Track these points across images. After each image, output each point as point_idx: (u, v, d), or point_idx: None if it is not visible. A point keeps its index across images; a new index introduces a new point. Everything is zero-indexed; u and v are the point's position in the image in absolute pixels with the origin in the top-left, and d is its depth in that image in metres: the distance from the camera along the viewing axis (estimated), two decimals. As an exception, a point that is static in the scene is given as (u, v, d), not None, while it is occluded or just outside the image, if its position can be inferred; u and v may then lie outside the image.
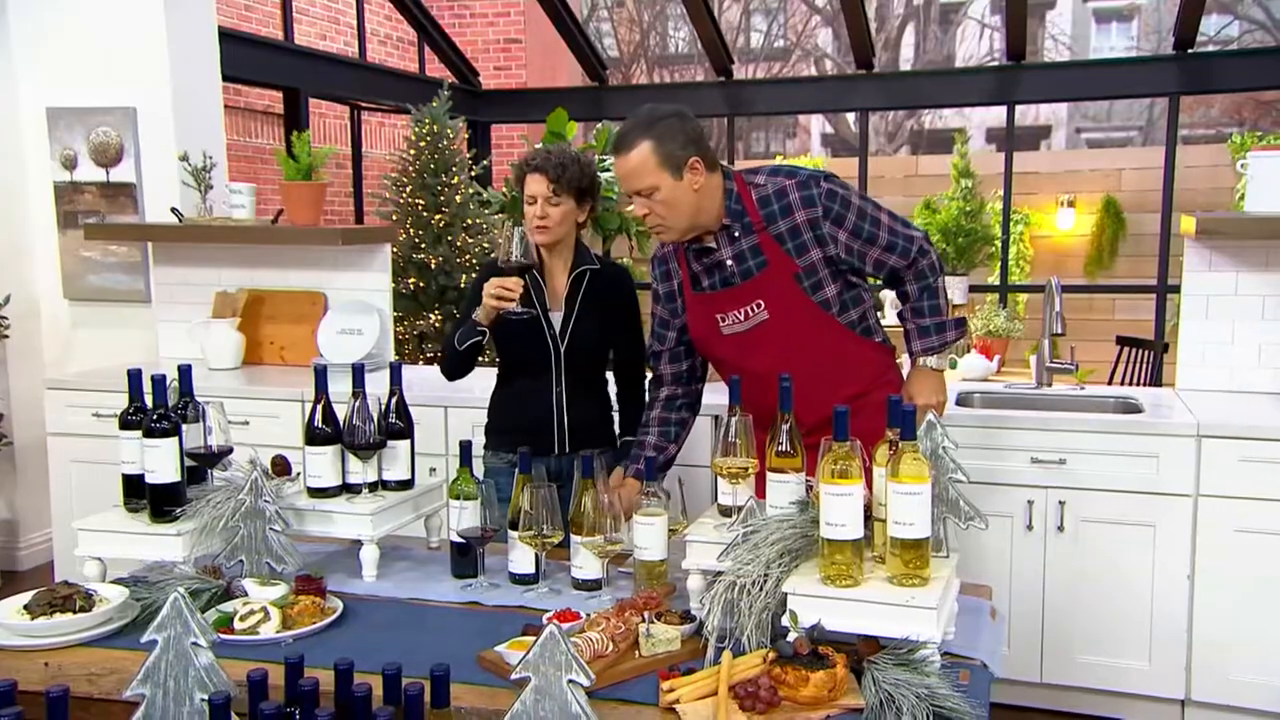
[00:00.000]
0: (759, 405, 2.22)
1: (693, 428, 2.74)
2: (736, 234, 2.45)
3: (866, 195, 2.53)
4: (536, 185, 2.73)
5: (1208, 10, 6.92)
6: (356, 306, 4.21)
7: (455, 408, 3.61)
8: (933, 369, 2.54)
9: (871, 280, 2.59)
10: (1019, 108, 7.62)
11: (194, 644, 1.55)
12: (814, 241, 2.43)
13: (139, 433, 2.19)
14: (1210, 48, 11.89)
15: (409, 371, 4.06)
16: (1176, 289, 4.18)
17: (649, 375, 2.78)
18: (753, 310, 2.47)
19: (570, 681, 1.49)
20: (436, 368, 2.97)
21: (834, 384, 2.40)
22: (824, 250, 2.43)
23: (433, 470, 3.39)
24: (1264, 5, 14.18)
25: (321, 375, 2.31)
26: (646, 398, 2.76)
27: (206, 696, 1.48)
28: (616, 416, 2.97)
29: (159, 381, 2.17)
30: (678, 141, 2.36)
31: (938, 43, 17.44)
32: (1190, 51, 6.93)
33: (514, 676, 1.53)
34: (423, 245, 6.00)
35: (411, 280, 5.97)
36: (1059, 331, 3.68)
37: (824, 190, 2.43)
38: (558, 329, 2.80)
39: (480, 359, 2.88)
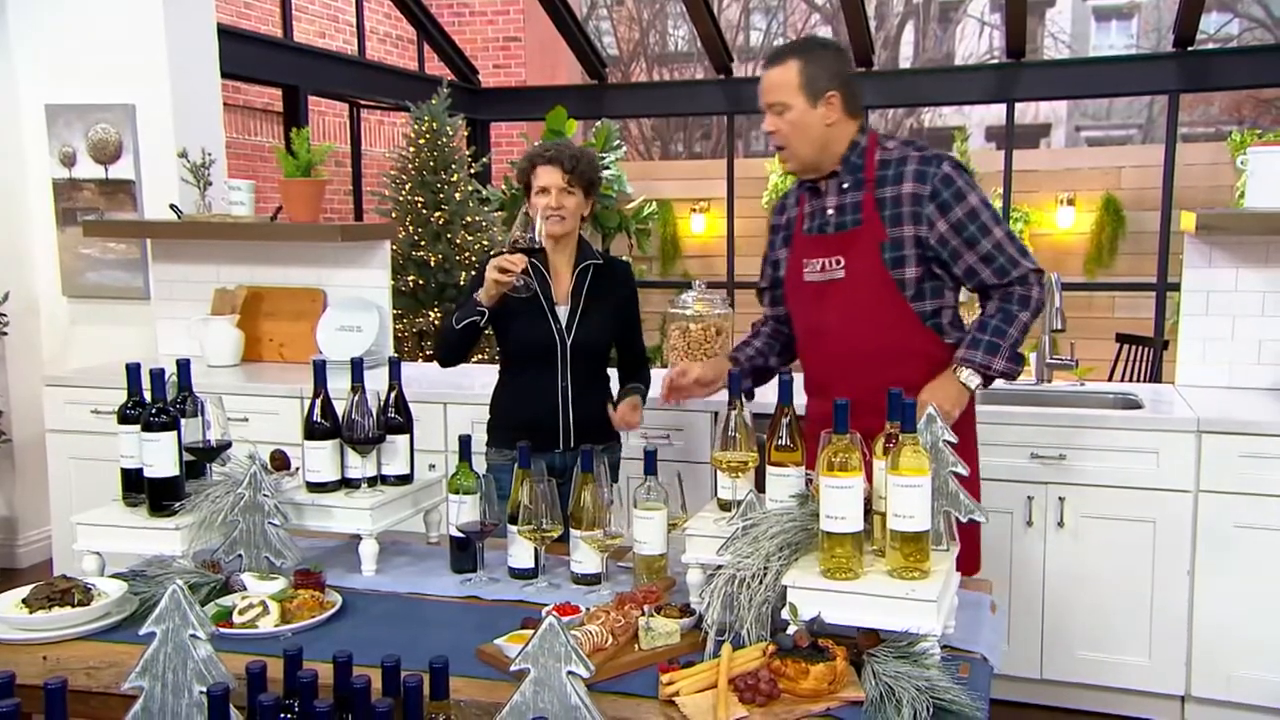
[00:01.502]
0: (806, 362, 2.41)
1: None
2: (845, 185, 2.47)
3: (992, 204, 2.45)
4: (550, 176, 2.74)
5: (1207, 8, 6.92)
6: (356, 303, 4.21)
7: (455, 404, 3.60)
8: (961, 382, 2.40)
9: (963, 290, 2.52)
10: (1018, 106, 7.62)
11: (192, 636, 1.54)
12: (910, 217, 2.40)
13: (138, 427, 2.18)
14: (1210, 46, 11.88)
15: (408, 368, 4.06)
16: (1176, 286, 4.18)
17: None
18: (830, 264, 2.47)
19: (570, 673, 1.49)
20: (436, 365, 2.96)
21: (884, 366, 2.37)
22: (917, 229, 2.40)
23: (432, 466, 3.39)
24: (1263, 3, 14.18)
25: (320, 369, 2.31)
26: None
27: (205, 688, 1.48)
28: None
29: (157, 376, 2.17)
30: (827, 72, 2.42)
31: (937, 41, 17.44)
32: (1190, 49, 6.93)
33: (513, 668, 1.53)
34: (422, 243, 5.99)
35: (411, 278, 5.96)
36: (1059, 328, 3.67)
37: (942, 173, 2.41)
38: (564, 322, 2.80)
39: (479, 356, 2.88)
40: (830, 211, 2.49)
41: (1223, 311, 3.58)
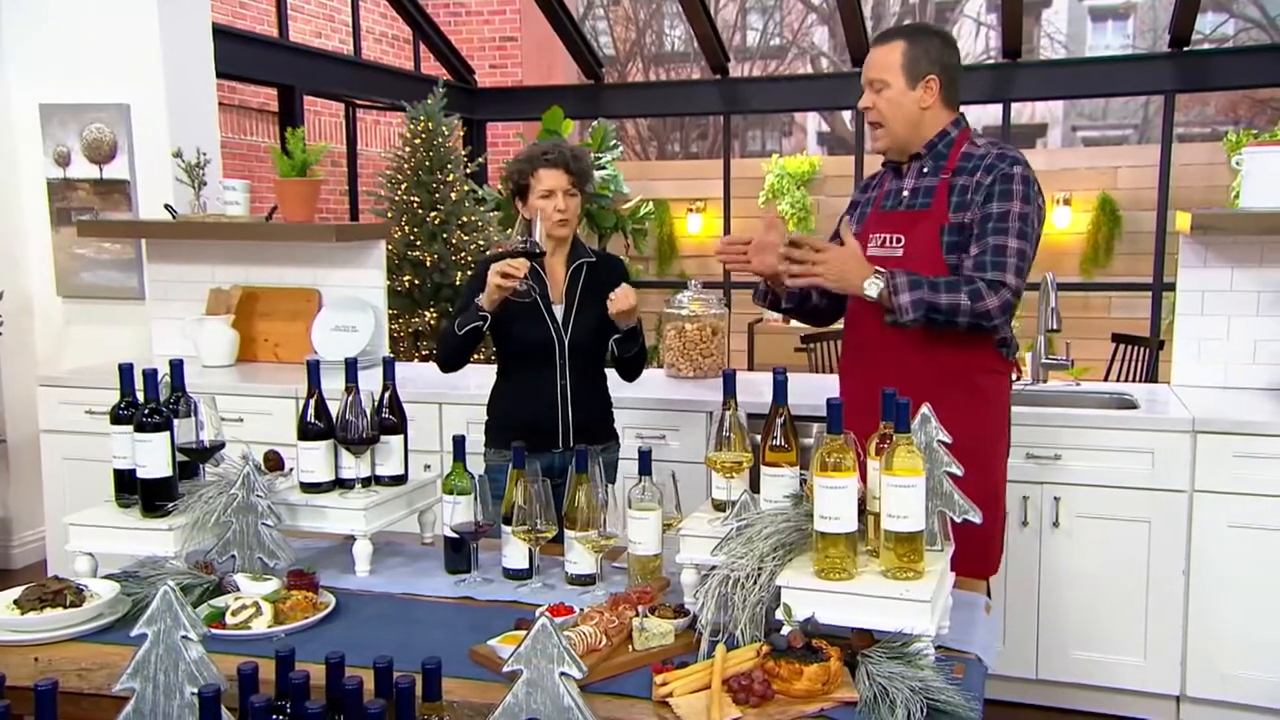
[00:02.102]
0: (847, 344, 2.51)
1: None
2: (925, 169, 2.54)
3: (1031, 222, 2.42)
4: (555, 179, 2.74)
5: (1203, 8, 6.93)
6: (351, 303, 4.20)
7: (450, 404, 3.60)
8: (866, 275, 2.35)
9: None
10: (1015, 106, 7.62)
11: (184, 637, 1.54)
12: (971, 204, 2.46)
13: (130, 427, 2.18)
14: (1205, 46, 11.88)
15: (403, 368, 4.06)
16: (1172, 286, 4.18)
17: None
18: (891, 241, 2.53)
19: (562, 674, 1.49)
20: (432, 365, 2.96)
21: (920, 353, 2.40)
22: (970, 214, 2.45)
23: (427, 466, 3.38)
24: (1259, 3, 14.19)
25: (314, 369, 2.30)
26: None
27: (197, 690, 1.47)
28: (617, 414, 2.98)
29: (150, 376, 2.17)
30: (929, 56, 2.49)
31: (934, 41, 17.40)
32: (1186, 49, 6.93)
33: (506, 669, 1.52)
34: (418, 242, 5.98)
35: (406, 278, 5.96)
36: (1054, 328, 3.67)
37: (1007, 172, 2.45)
38: (560, 320, 2.80)
39: (475, 356, 2.88)
40: (905, 192, 2.57)
41: (1218, 311, 3.59)
